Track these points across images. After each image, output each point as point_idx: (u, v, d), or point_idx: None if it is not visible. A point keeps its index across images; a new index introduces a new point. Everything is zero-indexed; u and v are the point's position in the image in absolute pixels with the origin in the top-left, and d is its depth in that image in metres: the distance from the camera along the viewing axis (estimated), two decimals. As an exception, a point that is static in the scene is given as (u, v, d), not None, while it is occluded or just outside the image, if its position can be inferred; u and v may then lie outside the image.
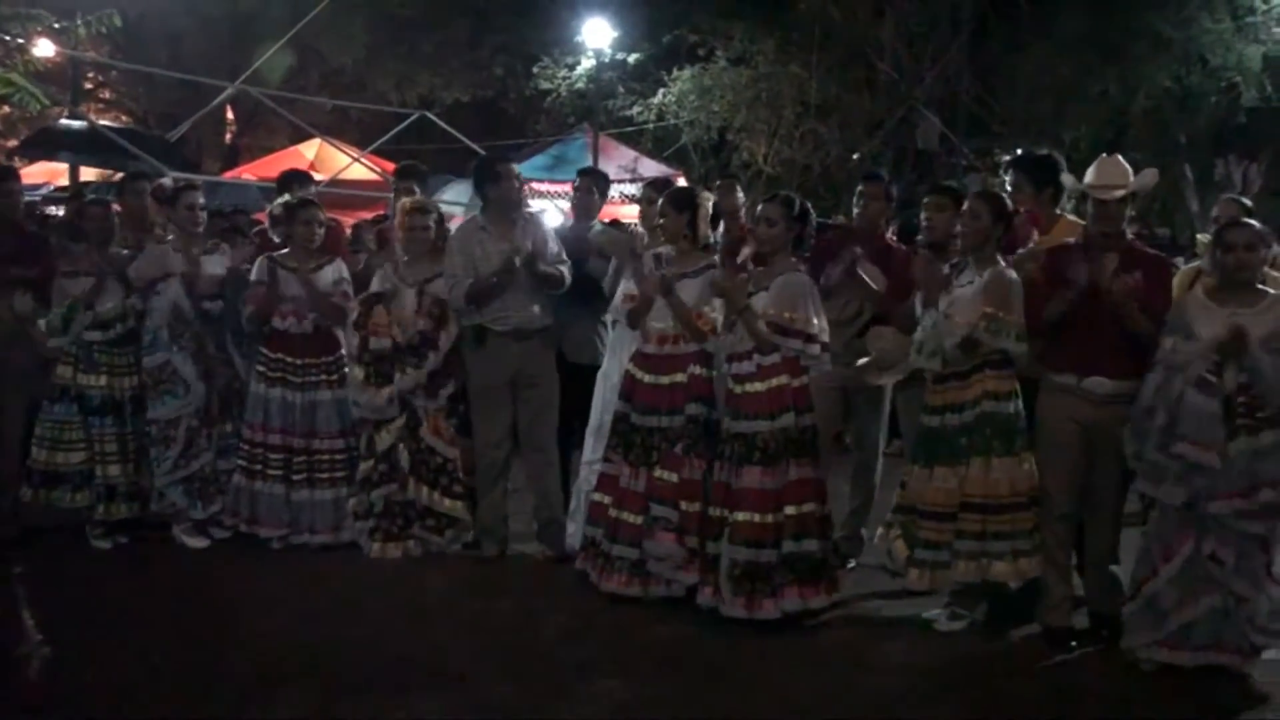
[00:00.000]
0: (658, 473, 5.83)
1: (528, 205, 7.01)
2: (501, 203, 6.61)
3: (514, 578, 6.38)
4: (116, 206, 6.99)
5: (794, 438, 5.59)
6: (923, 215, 6.22)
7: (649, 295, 5.95)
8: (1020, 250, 5.78)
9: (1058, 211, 5.95)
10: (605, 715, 4.66)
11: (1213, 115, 18.64)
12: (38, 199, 13.83)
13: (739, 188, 7.71)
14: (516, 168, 6.78)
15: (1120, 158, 5.56)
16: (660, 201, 6.17)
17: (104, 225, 6.78)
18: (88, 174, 14.50)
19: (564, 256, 6.64)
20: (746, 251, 6.33)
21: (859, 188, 6.68)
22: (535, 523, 6.76)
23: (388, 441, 6.56)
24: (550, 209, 13.56)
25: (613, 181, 18.51)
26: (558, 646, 5.39)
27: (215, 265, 6.79)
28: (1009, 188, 6.12)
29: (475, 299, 6.44)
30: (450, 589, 6.15)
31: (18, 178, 7.14)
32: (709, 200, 6.16)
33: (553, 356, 6.71)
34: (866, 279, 6.13)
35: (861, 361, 6.11)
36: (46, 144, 14.72)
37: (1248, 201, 6.03)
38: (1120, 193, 5.41)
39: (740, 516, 5.53)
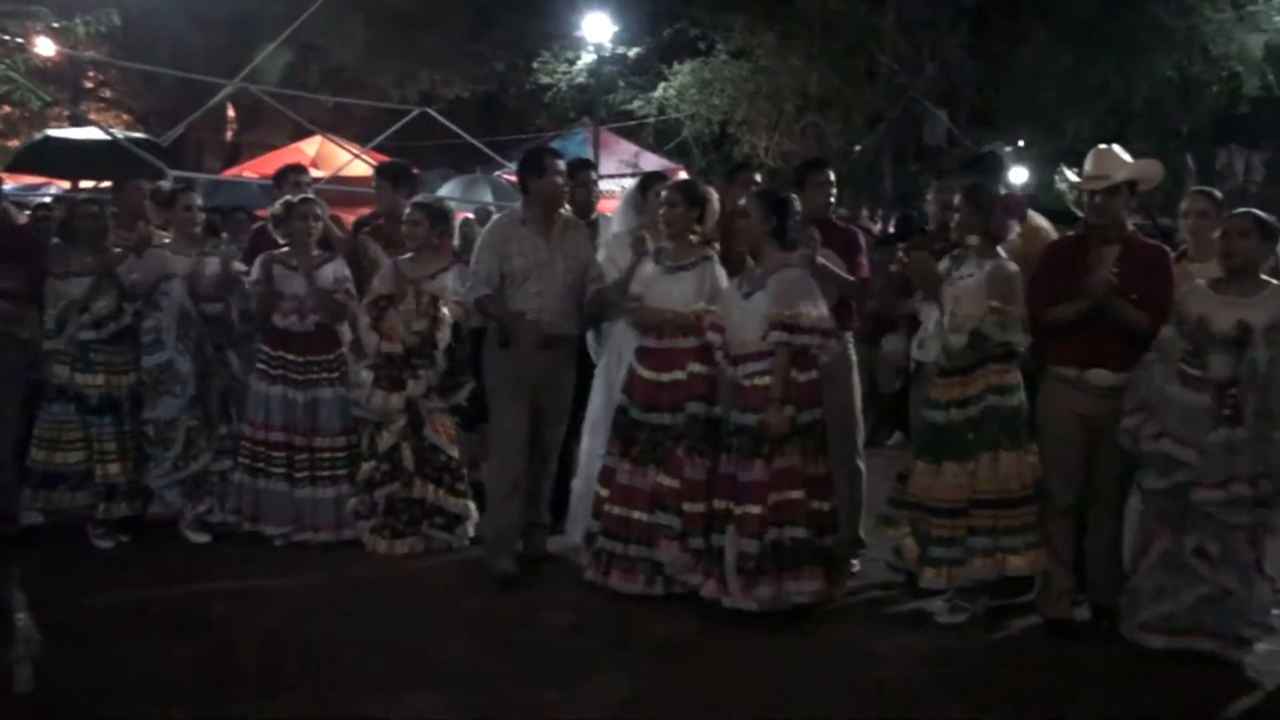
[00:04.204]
0: (660, 478, 5.80)
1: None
2: (544, 196, 6.23)
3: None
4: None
5: (796, 429, 5.55)
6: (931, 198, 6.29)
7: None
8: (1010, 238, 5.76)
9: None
10: (608, 711, 4.65)
11: (1214, 105, 18.62)
12: (42, 200, 13.83)
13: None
14: (562, 163, 6.37)
15: (1115, 148, 5.54)
16: (667, 190, 6.06)
17: (97, 225, 6.78)
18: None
19: (602, 269, 6.36)
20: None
21: (805, 175, 6.52)
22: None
23: (390, 441, 6.55)
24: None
25: (614, 176, 18.57)
26: (560, 642, 5.39)
27: (211, 265, 6.79)
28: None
29: (486, 314, 6.23)
30: (452, 585, 6.14)
31: None
32: (715, 197, 6.13)
33: (574, 365, 6.46)
34: (828, 264, 6.09)
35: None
36: (37, 159, 14.66)
37: (1218, 194, 5.99)
38: (1106, 183, 5.40)
39: (753, 510, 5.48)
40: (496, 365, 6.31)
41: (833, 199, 6.54)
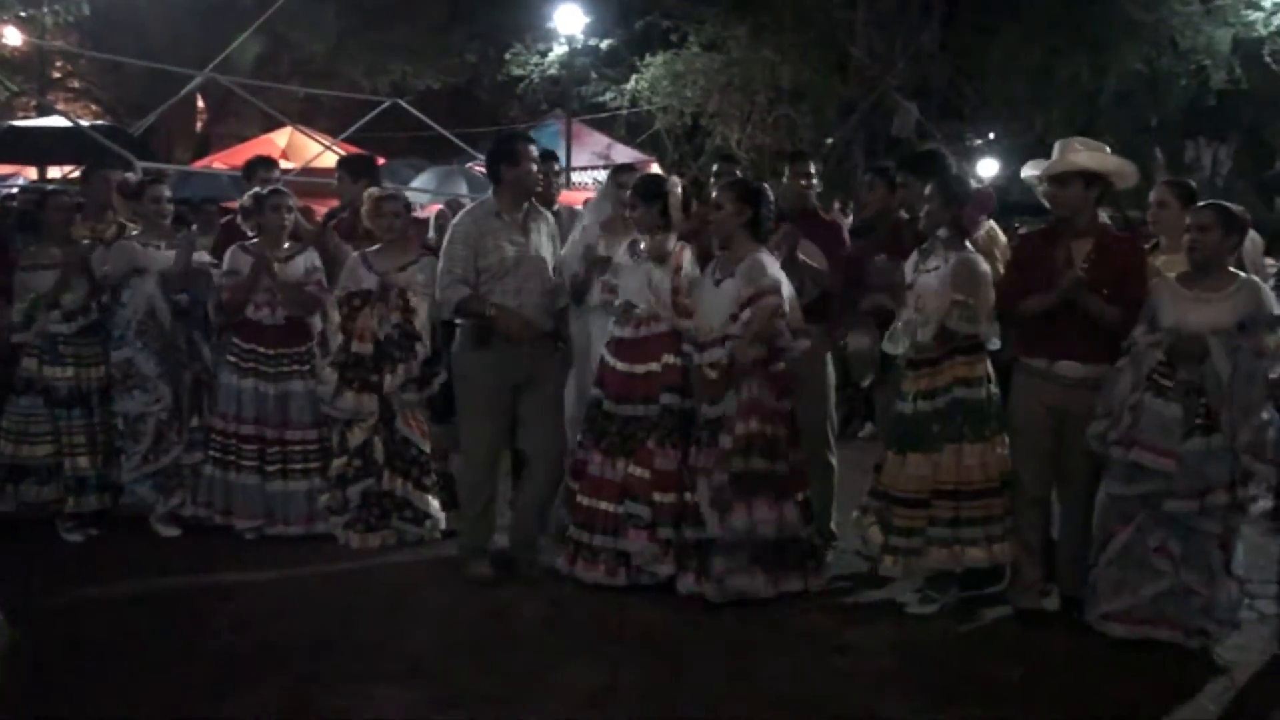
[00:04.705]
0: (631, 469, 5.80)
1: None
2: (518, 186, 6.00)
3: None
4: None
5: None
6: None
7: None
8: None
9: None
10: (579, 704, 4.65)
11: (1182, 98, 18.74)
12: (9, 190, 13.71)
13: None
14: (535, 150, 6.14)
15: (1076, 141, 5.56)
16: (629, 195, 5.99)
17: (68, 217, 6.73)
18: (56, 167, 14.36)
19: (561, 260, 6.25)
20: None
21: (786, 167, 6.61)
22: (509, 517, 6.50)
23: (361, 438, 6.52)
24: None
25: (586, 168, 18.53)
26: (531, 636, 5.39)
27: (167, 257, 6.71)
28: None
29: (465, 314, 6.01)
30: (424, 579, 6.13)
31: None
32: (678, 186, 6.12)
33: (555, 360, 6.25)
34: (807, 258, 6.11)
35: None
36: (6, 145, 14.55)
37: (1189, 184, 6.04)
38: (1050, 172, 5.43)
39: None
40: (474, 367, 6.03)
41: (815, 191, 6.59)
